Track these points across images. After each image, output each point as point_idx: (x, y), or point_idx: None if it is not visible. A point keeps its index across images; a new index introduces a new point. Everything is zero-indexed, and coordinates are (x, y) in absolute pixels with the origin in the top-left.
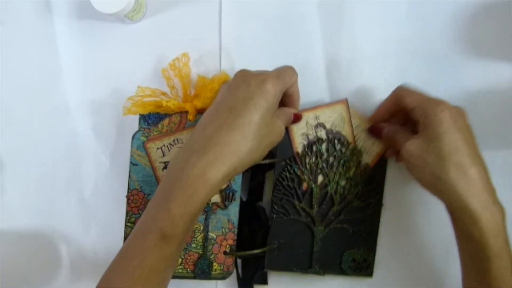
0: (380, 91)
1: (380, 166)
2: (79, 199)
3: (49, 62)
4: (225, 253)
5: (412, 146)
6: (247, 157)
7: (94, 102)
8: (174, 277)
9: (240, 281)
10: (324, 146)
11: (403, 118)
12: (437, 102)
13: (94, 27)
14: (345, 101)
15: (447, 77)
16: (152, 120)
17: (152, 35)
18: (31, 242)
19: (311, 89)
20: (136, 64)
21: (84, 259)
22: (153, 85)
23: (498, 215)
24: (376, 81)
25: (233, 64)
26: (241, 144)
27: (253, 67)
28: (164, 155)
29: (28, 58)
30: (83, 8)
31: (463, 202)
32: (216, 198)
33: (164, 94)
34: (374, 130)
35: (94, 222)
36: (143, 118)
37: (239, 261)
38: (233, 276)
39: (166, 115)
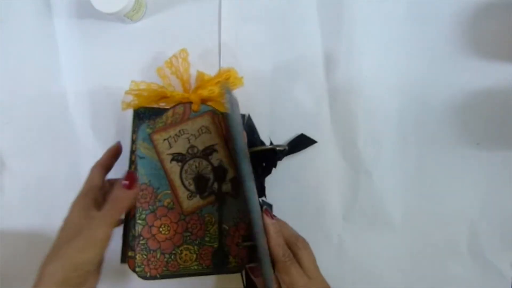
0: (380, 91)
1: None
2: None
3: (49, 61)
4: (238, 244)
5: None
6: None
7: (93, 102)
8: (191, 274)
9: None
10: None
11: None
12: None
13: (94, 27)
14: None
15: (447, 77)
16: (147, 116)
17: (152, 35)
18: (31, 242)
19: (310, 89)
20: (136, 63)
21: None
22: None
23: None
24: (376, 81)
25: (232, 63)
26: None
27: (252, 66)
28: (171, 147)
29: (28, 57)
30: (83, 7)
31: None
32: (228, 188)
33: (161, 88)
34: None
35: None
36: (138, 116)
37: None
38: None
39: (164, 110)
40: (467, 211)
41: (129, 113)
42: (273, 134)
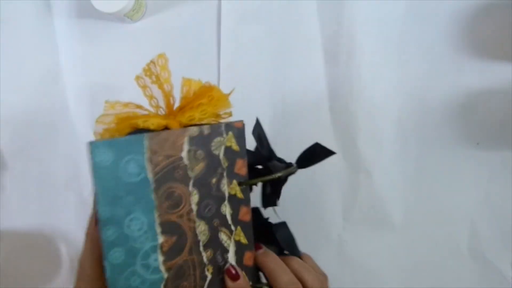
0: (380, 91)
1: None
2: (79, 199)
3: (49, 61)
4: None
5: None
6: None
7: (93, 101)
8: None
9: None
10: None
11: None
12: None
13: (94, 26)
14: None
15: (447, 77)
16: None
17: (151, 35)
18: (31, 242)
19: (310, 89)
20: (136, 63)
21: None
22: None
23: None
24: (376, 81)
25: (232, 64)
26: None
27: (252, 66)
28: None
29: (28, 57)
30: (83, 7)
31: None
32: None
33: (140, 107)
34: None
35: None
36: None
37: None
38: None
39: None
40: (467, 211)
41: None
42: (273, 134)
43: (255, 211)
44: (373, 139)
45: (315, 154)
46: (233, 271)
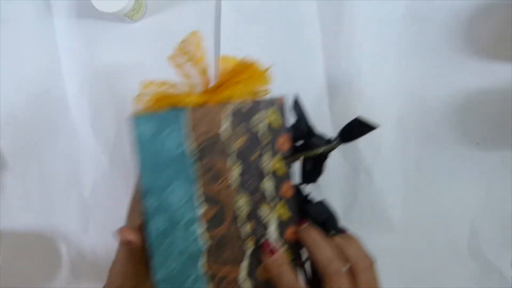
0: (380, 91)
1: None
2: (79, 199)
3: (49, 61)
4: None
5: None
6: None
7: (93, 101)
8: None
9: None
10: None
11: None
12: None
13: (94, 26)
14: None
15: (447, 77)
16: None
17: (152, 35)
18: (31, 242)
19: (310, 88)
20: (136, 63)
21: (84, 259)
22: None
23: None
24: (376, 81)
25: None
26: None
27: None
28: None
29: (28, 57)
30: (83, 7)
31: None
32: None
33: (174, 86)
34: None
35: (94, 221)
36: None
37: None
38: None
39: None
40: (467, 211)
41: (129, 111)
42: None
43: (296, 189)
44: (373, 139)
45: (356, 128)
46: (269, 246)
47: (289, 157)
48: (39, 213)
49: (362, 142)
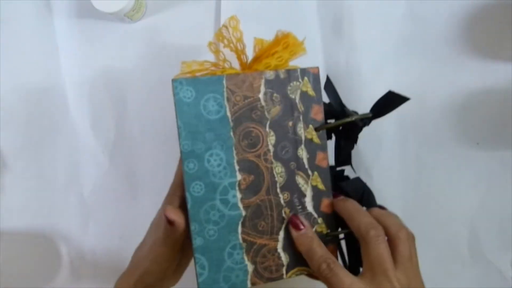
0: (380, 90)
1: None
2: (79, 199)
3: (49, 61)
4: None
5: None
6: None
7: (93, 101)
8: None
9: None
10: None
11: None
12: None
13: (94, 26)
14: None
15: (446, 77)
16: None
17: (152, 35)
18: (31, 242)
19: None
20: (136, 63)
21: (83, 258)
22: (157, 85)
23: None
24: (376, 81)
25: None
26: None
27: None
28: None
29: (28, 57)
30: (83, 7)
31: None
32: None
33: (215, 65)
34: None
35: (94, 221)
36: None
37: None
38: None
39: None
40: (467, 211)
41: (129, 112)
42: None
43: (331, 167)
44: (373, 139)
45: (389, 101)
46: (296, 220)
47: (323, 126)
48: (39, 213)
49: (362, 142)
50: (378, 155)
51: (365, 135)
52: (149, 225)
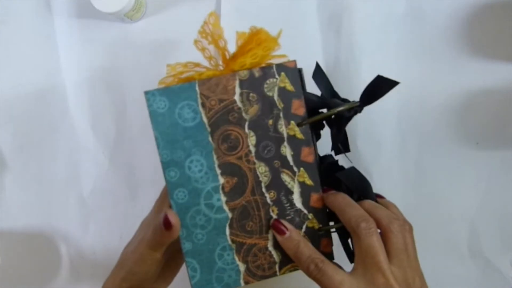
0: None
1: None
2: (78, 199)
3: (49, 61)
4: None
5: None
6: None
7: (93, 101)
8: None
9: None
10: None
11: None
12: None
13: (94, 26)
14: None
15: (446, 77)
16: None
17: (152, 35)
18: (31, 242)
19: (309, 88)
20: (136, 63)
21: (83, 258)
22: (157, 85)
23: None
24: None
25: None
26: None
27: None
28: None
29: (28, 57)
30: (83, 7)
31: None
32: None
33: (198, 65)
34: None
35: (93, 221)
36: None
37: None
38: None
39: None
40: (467, 211)
41: (129, 112)
42: None
43: (326, 157)
44: (373, 139)
45: (379, 87)
46: (279, 226)
47: (305, 121)
48: (39, 213)
49: (362, 142)
50: (377, 155)
51: (365, 135)
52: (139, 224)
